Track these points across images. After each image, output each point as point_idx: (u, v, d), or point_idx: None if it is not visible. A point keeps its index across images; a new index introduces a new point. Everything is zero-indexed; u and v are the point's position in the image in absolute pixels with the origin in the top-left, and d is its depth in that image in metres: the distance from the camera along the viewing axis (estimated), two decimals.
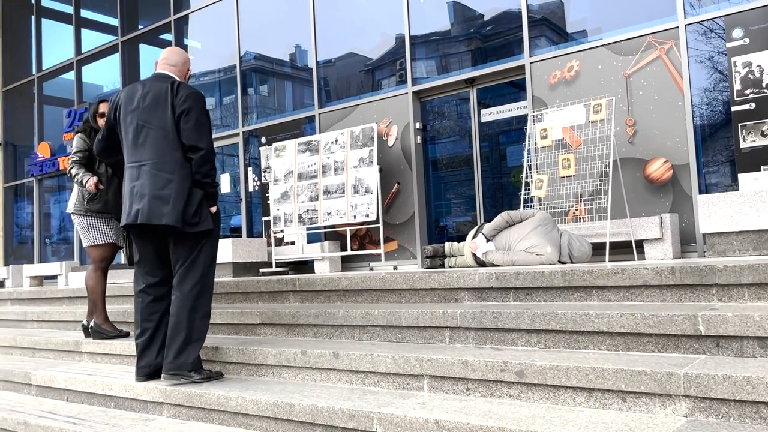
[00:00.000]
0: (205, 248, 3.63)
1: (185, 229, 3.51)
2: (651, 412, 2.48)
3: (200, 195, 3.56)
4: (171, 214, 3.47)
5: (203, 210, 3.56)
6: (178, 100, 3.54)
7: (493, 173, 7.26)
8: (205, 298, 3.63)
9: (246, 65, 9.54)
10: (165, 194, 3.49)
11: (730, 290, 3.07)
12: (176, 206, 3.47)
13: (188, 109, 3.53)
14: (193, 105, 3.54)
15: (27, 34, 13.28)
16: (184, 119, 3.53)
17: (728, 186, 5.74)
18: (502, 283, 3.72)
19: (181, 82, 3.66)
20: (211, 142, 3.62)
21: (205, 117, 3.59)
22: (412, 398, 2.95)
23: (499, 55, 7.13)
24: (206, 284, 3.63)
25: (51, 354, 5.15)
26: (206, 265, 3.63)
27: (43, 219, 12.73)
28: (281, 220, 7.86)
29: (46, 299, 7.00)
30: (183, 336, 3.53)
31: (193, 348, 3.57)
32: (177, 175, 3.51)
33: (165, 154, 3.53)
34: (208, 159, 3.55)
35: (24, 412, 3.98)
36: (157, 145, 3.55)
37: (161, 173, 3.52)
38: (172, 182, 3.50)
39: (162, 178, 3.51)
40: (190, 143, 3.52)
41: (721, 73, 5.80)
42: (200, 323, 3.59)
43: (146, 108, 3.60)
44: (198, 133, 3.53)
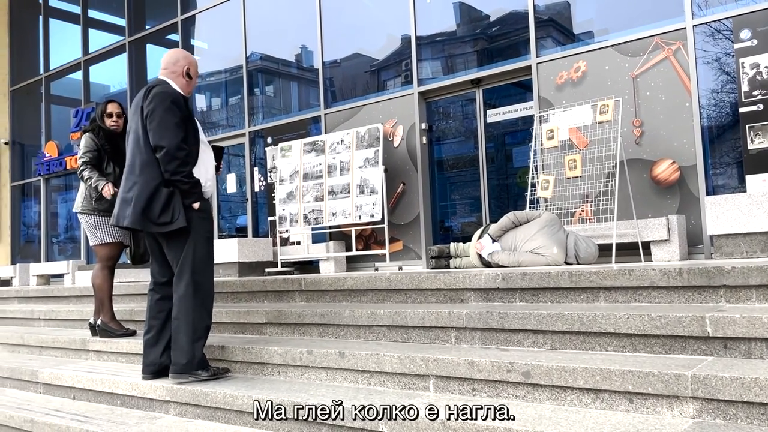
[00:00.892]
0: (192, 246, 3.58)
1: (153, 229, 3.54)
2: (658, 413, 2.47)
3: (168, 193, 3.50)
4: (130, 216, 3.53)
5: (175, 209, 3.50)
6: (146, 103, 3.57)
7: (499, 174, 7.25)
8: (202, 296, 3.60)
9: (252, 66, 9.56)
10: (129, 197, 3.57)
11: (738, 292, 3.06)
12: (136, 208, 3.49)
13: (152, 110, 3.54)
14: (157, 105, 3.53)
15: (35, 34, 13.35)
16: (149, 120, 3.54)
17: (736, 187, 5.71)
18: (508, 283, 3.71)
19: (156, 85, 3.64)
20: (178, 138, 3.52)
21: (168, 114, 3.53)
22: (417, 398, 2.95)
23: (505, 56, 7.12)
24: (200, 282, 3.59)
25: (58, 352, 5.17)
26: (197, 263, 3.58)
27: (50, 218, 12.79)
28: (287, 220, 7.87)
29: (53, 298, 7.03)
30: (184, 336, 3.54)
31: (196, 347, 3.57)
32: (142, 176, 3.54)
33: (135, 157, 3.63)
34: (174, 156, 3.48)
35: (31, 409, 4.00)
36: (132, 149, 3.66)
37: (130, 176, 3.61)
38: (137, 184, 3.55)
39: (129, 181, 3.60)
40: (154, 143, 3.53)
41: (729, 75, 5.78)
42: (200, 322, 3.58)
43: (132, 114, 3.74)
44: (160, 132, 3.51)
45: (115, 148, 4.72)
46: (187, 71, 3.80)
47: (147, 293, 3.83)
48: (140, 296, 5.93)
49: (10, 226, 13.53)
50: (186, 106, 3.68)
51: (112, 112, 4.75)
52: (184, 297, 3.55)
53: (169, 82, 3.73)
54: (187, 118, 3.64)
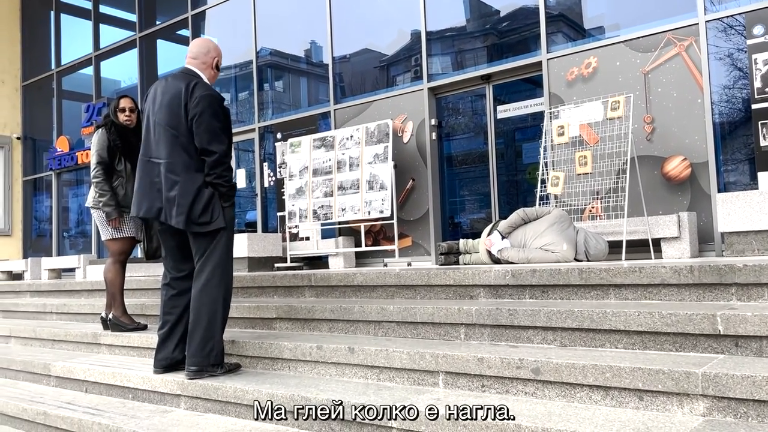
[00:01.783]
0: (221, 243, 3.61)
1: (193, 229, 3.53)
2: (668, 411, 2.47)
3: (209, 195, 3.53)
4: (177, 217, 3.51)
5: (214, 210, 3.54)
6: (192, 102, 3.52)
7: (509, 170, 7.24)
8: (225, 293, 3.62)
9: (262, 61, 9.58)
10: (172, 196, 3.54)
11: (749, 290, 3.04)
12: (181, 209, 3.50)
13: (200, 113, 3.50)
14: (206, 108, 3.51)
15: (46, 30, 13.43)
16: (197, 123, 3.51)
17: (747, 184, 5.67)
18: (518, 280, 3.71)
19: (198, 82, 3.61)
20: (225, 144, 3.57)
21: (217, 120, 3.54)
22: (427, 394, 2.96)
23: (515, 52, 7.09)
24: (224, 278, 3.63)
25: (70, 346, 5.22)
26: (222, 259, 3.62)
27: (61, 212, 12.88)
28: (296, 216, 7.90)
29: (64, 291, 7.09)
30: (203, 331, 3.53)
31: (216, 343, 3.59)
32: (183, 176, 3.52)
33: (174, 156, 3.55)
34: (221, 162, 3.53)
35: (44, 402, 4.05)
36: (169, 145, 3.57)
37: (170, 175, 3.56)
38: (177, 184, 3.52)
39: (170, 180, 3.55)
40: (201, 146, 3.52)
41: (741, 71, 5.73)
42: (221, 317, 3.60)
43: (161, 106, 3.62)
44: (209, 137, 3.50)
45: (126, 143, 4.74)
46: (217, 63, 3.79)
47: (160, 288, 3.83)
48: (151, 291, 5.97)
49: (22, 221, 13.65)
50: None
51: (125, 107, 4.77)
52: (207, 292, 3.55)
53: (200, 73, 3.70)
54: (228, 119, 3.67)
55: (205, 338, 3.55)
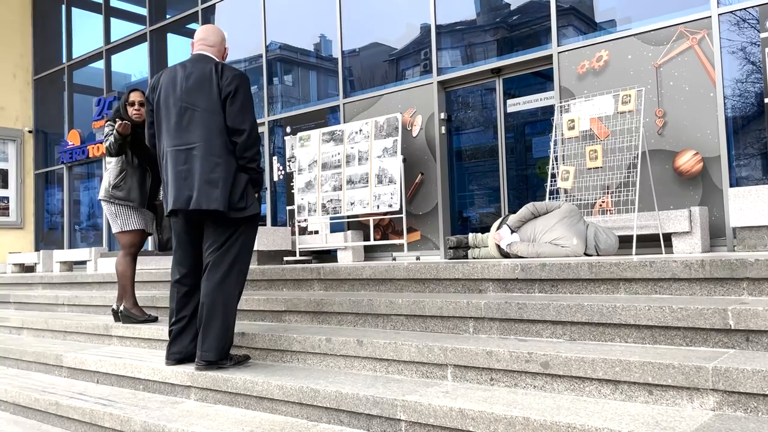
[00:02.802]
0: (245, 234, 3.56)
1: (231, 215, 3.44)
2: (678, 405, 2.46)
3: (246, 179, 3.48)
4: (220, 199, 3.39)
5: (249, 195, 3.50)
6: (224, 81, 3.45)
7: (518, 164, 7.21)
8: (239, 285, 3.60)
9: (271, 55, 9.58)
10: (214, 178, 3.41)
11: (761, 284, 3.02)
12: (224, 191, 3.40)
13: (234, 91, 3.45)
14: (240, 86, 3.46)
15: (57, 24, 13.49)
16: (230, 101, 3.44)
17: (760, 179, 5.63)
18: (527, 274, 3.71)
19: (224, 63, 3.59)
20: (255, 124, 3.53)
21: (249, 98, 3.51)
22: (435, 387, 2.96)
23: (525, 45, 7.05)
24: (242, 270, 3.58)
25: (81, 337, 5.27)
26: (244, 251, 3.57)
27: (72, 205, 12.98)
28: (305, 210, 7.91)
29: (76, 284, 7.15)
30: (219, 324, 3.48)
31: (229, 335, 3.57)
32: (224, 158, 3.43)
33: (212, 137, 3.44)
34: (253, 143, 3.47)
35: (56, 393, 4.09)
36: (205, 127, 3.45)
37: (210, 156, 3.42)
38: (220, 166, 3.41)
39: (211, 162, 3.42)
40: (234, 126, 3.44)
41: (754, 64, 5.67)
42: (232, 310, 3.57)
43: (189, 89, 3.51)
44: (242, 116, 3.45)
45: (134, 137, 4.76)
46: (226, 54, 3.78)
47: (171, 286, 3.75)
48: (162, 283, 6.01)
49: (34, 213, 13.76)
50: None
51: (134, 101, 4.79)
52: (224, 286, 3.48)
53: (215, 59, 3.64)
54: None
55: (221, 332, 3.51)
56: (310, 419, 3.10)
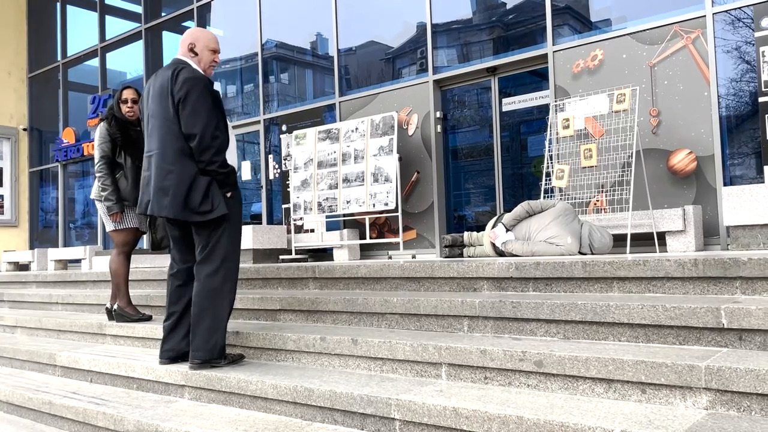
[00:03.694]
0: (225, 234, 3.56)
1: (194, 219, 3.47)
2: (671, 404, 2.46)
3: (207, 182, 3.46)
4: (170, 207, 3.44)
5: (214, 197, 3.47)
6: (176, 87, 3.46)
7: (514, 163, 7.22)
8: (228, 284, 3.58)
9: (267, 53, 9.56)
10: (165, 186, 3.46)
11: (754, 283, 3.03)
12: (176, 198, 3.43)
13: (184, 96, 3.44)
14: (190, 90, 3.44)
15: (52, 21, 13.44)
16: (182, 106, 3.45)
17: (753, 178, 5.64)
18: (521, 272, 3.71)
19: (184, 68, 3.54)
20: (212, 127, 3.46)
21: (202, 101, 3.45)
22: (430, 386, 2.96)
23: (521, 44, 7.06)
24: (228, 270, 3.58)
25: (75, 336, 5.25)
26: (227, 250, 3.58)
27: (67, 204, 12.94)
28: (301, 208, 7.90)
29: (70, 282, 7.13)
30: (207, 323, 3.51)
31: (219, 335, 3.57)
32: (177, 165, 3.45)
33: (166, 145, 3.49)
34: (207, 146, 3.42)
35: (49, 392, 4.08)
36: (160, 135, 3.52)
37: (163, 164, 3.49)
38: (172, 173, 3.45)
39: (164, 170, 3.48)
40: (186, 131, 3.44)
41: (749, 64, 5.69)
42: (224, 311, 3.56)
43: (152, 97, 3.60)
44: (192, 120, 3.42)
45: (126, 137, 4.75)
46: (191, 48, 3.66)
47: (167, 279, 3.82)
48: (156, 282, 6.00)
49: (29, 212, 13.71)
50: (214, 90, 3.57)
51: (127, 98, 4.77)
52: (211, 284, 3.51)
53: (188, 60, 3.63)
54: (217, 103, 3.55)
55: (210, 332, 3.52)
56: (305, 418, 3.10)
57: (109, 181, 4.72)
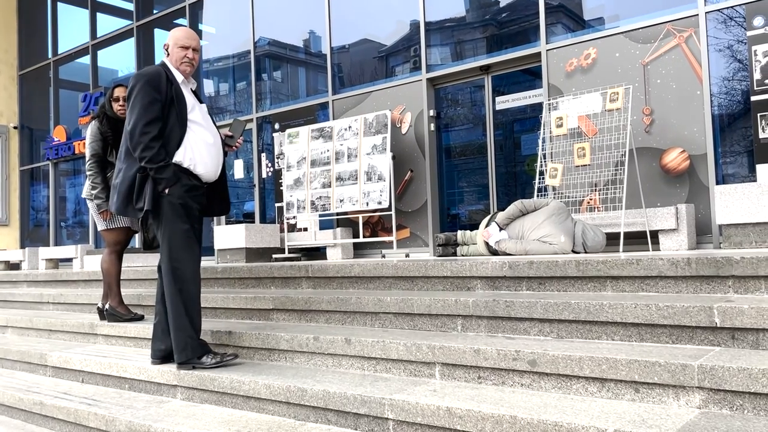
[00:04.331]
0: (166, 232, 3.52)
1: (135, 215, 3.59)
2: (664, 403, 2.47)
3: (140, 179, 3.49)
4: (115, 203, 3.59)
5: (147, 194, 3.46)
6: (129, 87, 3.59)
7: (507, 162, 7.22)
8: (180, 285, 3.48)
9: (260, 51, 9.52)
10: (116, 184, 3.63)
11: (746, 282, 3.04)
12: (120, 194, 3.56)
13: (128, 94, 3.57)
14: (132, 87, 3.54)
15: (43, 18, 13.34)
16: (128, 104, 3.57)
17: (746, 177, 5.66)
18: (515, 272, 3.71)
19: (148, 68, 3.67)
20: (142, 120, 3.44)
21: (139, 97, 3.47)
22: (423, 385, 2.96)
23: (514, 42, 7.06)
24: (177, 269, 3.48)
25: (66, 336, 5.21)
26: (172, 249, 3.50)
27: (58, 202, 12.85)
28: (294, 207, 7.88)
29: (61, 282, 7.08)
30: (173, 325, 3.52)
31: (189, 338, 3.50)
32: (125, 163, 3.58)
33: (122, 144, 3.66)
34: (137, 142, 3.45)
35: (40, 392, 4.04)
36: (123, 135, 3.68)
37: (117, 162, 3.70)
38: (121, 171, 3.60)
39: (116, 168, 3.70)
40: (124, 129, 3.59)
41: (741, 63, 5.71)
42: (184, 309, 3.47)
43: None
44: (129, 116, 3.52)
45: (118, 135, 4.71)
46: (165, 48, 3.74)
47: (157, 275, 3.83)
48: (148, 281, 5.96)
49: (19, 210, 13.61)
50: (167, 85, 3.53)
51: (119, 96, 4.74)
52: (167, 284, 3.55)
53: (165, 61, 3.72)
54: (170, 99, 3.52)
55: (176, 332, 3.51)
56: (298, 418, 3.09)
57: (100, 179, 4.69)
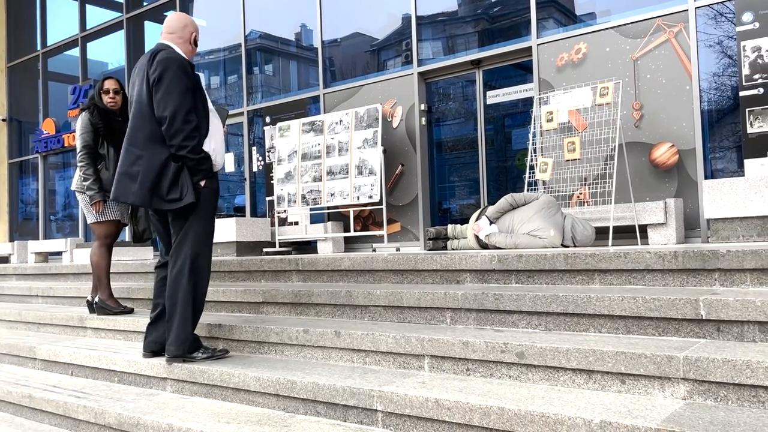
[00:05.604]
0: (195, 225, 3.44)
1: (162, 206, 3.38)
2: (650, 394, 2.49)
3: (176, 169, 3.35)
4: (138, 193, 3.34)
5: (184, 185, 3.35)
6: (151, 69, 3.36)
7: (498, 156, 7.23)
8: (196, 277, 3.47)
9: (251, 44, 9.48)
10: (133, 171, 3.36)
11: (732, 275, 3.07)
12: (144, 184, 3.32)
13: (158, 77, 3.33)
14: (163, 72, 3.33)
15: (32, 10, 13.21)
16: (155, 89, 3.34)
17: (734, 171, 5.71)
18: (504, 265, 3.72)
19: (161, 50, 3.46)
20: (181, 109, 3.32)
21: (175, 82, 3.33)
22: (412, 377, 2.97)
23: (506, 37, 7.06)
24: (197, 263, 3.46)
25: (56, 329, 5.20)
26: (196, 242, 3.45)
27: (47, 195, 12.77)
28: (285, 200, 7.87)
29: (51, 275, 7.05)
30: (177, 318, 3.45)
31: (189, 331, 3.51)
32: (147, 150, 3.35)
33: (137, 129, 3.40)
34: (178, 129, 3.29)
35: (29, 385, 4.03)
36: (134, 119, 3.43)
37: (132, 149, 3.39)
38: (141, 158, 3.35)
39: (132, 154, 3.38)
40: (158, 114, 3.33)
41: (730, 58, 5.74)
42: (191, 303, 3.46)
43: (133, 82, 3.53)
44: (164, 102, 3.30)
45: (109, 127, 4.69)
46: (195, 38, 3.64)
47: (154, 271, 3.78)
48: (138, 274, 5.95)
49: (8, 204, 13.51)
50: (194, 74, 3.48)
51: (109, 88, 4.71)
52: (179, 276, 3.44)
53: (174, 47, 3.54)
54: (195, 86, 3.46)
55: (181, 326, 3.46)
56: (287, 410, 3.10)
57: (91, 171, 4.66)
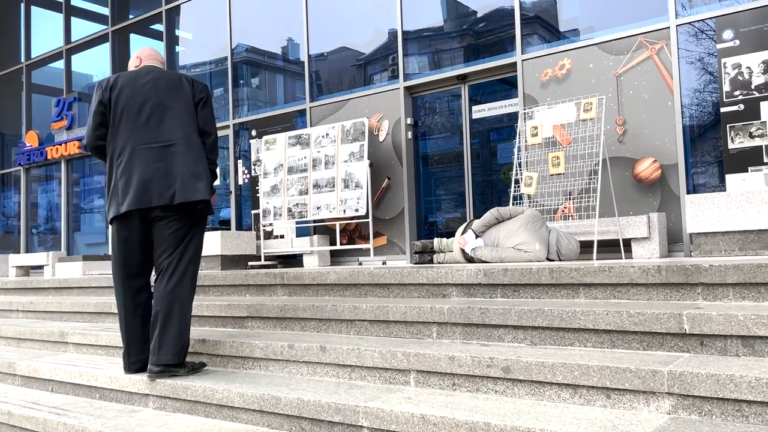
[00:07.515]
0: (198, 235, 3.69)
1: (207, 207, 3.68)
2: (635, 409, 2.50)
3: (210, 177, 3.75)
4: (204, 190, 3.59)
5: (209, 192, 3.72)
6: (195, 89, 3.78)
7: (483, 170, 7.28)
8: (193, 288, 3.63)
9: (237, 57, 9.49)
10: (199, 171, 3.62)
11: (715, 289, 3.10)
12: (208, 183, 3.66)
13: (205, 99, 3.81)
14: (207, 96, 3.86)
15: (16, 22, 13.13)
16: (202, 106, 3.78)
17: (716, 186, 5.78)
18: (489, 279, 3.73)
19: (185, 76, 3.88)
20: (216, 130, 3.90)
21: (212, 108, 3.92)
22: (398, 393, 2.95)
23: (491, 52, 7.13)
24: (195, 273, 3.65)
25: (36, 344, 5.11)
26: (196, 253, 3.67)
27: (30, 209, 12.62)
28: (271, 214, 7.84)
29: (32, 289, 6.94)
30: (175, 329, 3.46)
31: (186, 342, 3.54)
32: (202, 154, 3.71)
33: (191, 134, 3.67)
34: (216, 146, 3.84)
35: (8, 402, 3.95)
36: (183, 125, 3.66)
37: (192, 151, 3.65)
38: (201, 160, 3.65)
39: (194, 156, 3.65)
40: (204, 128, 3.76)
41: (711, 74, 5.84)
42: (188, 314, 3.56)
43: (162, 91, 3.66)
44: (212, 122, 3.82)
45: None
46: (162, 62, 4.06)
47: (117, 290, 3.65)
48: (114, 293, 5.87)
49: None
50: None
51: None
52: (178, 287, 3.49)
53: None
54: None
55: (178, 336, 3.48)
56: (272, 427, 3.06)
57: None
